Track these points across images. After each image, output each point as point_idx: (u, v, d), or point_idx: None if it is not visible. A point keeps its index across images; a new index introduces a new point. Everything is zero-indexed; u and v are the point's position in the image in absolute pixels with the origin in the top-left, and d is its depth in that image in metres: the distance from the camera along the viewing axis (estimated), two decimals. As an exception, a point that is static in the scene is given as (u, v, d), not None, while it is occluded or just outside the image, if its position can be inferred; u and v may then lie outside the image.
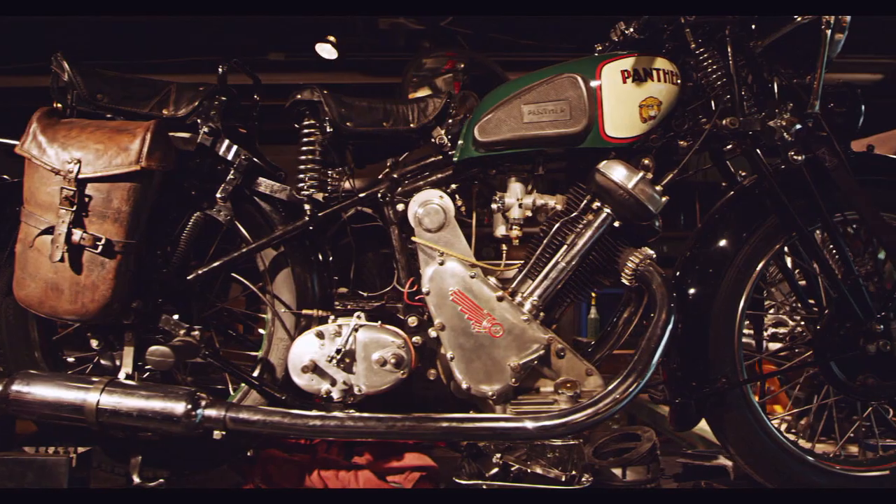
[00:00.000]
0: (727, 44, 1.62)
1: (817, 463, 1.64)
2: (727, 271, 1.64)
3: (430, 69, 3.76)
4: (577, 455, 1.72)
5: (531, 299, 1.59)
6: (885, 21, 3.77)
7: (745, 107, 1.61)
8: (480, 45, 4.10)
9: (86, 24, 3.62)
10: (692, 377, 1.63)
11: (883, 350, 1.58)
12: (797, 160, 1.59)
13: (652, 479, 1.80)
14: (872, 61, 4.01)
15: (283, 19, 3.87)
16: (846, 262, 1.61)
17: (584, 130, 1.55)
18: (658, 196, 1.56)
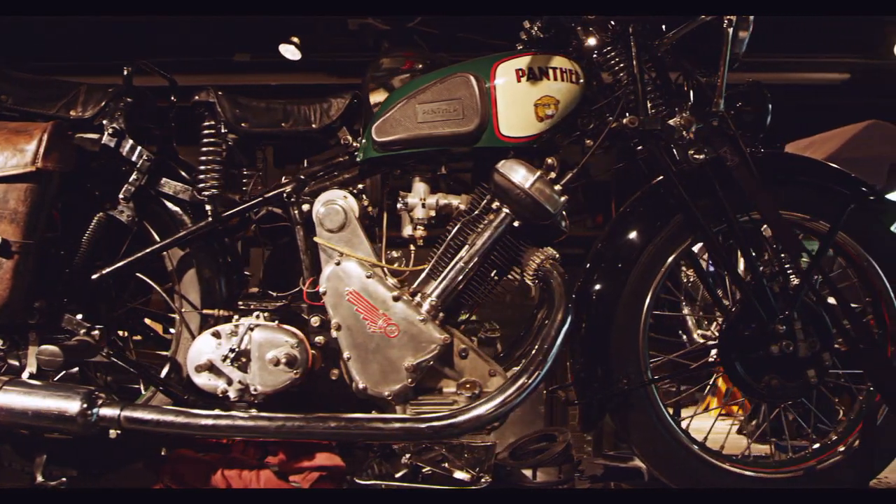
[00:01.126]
0: (631, 42, 1.61)
1: (722, 464, 1.63)
2: (631, 270, 1.64)
3: (388, 70, 3.76)
4: (488, 456, 1.73)
5: (430, 299, 1.59)
6: (850, 20, 3.75)
7: (649, 106, 1.60)
8: (447, 46, 4.11)
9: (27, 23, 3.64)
10: (595, 378, 1.62)
11: (786, 351, 1.57)
12: (698, 159, 1.58)
13: (565, 481, 1.79)
14: (838, 61, 3.98)
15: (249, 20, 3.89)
16: (750, 263, 1.60)
17: (477, 129, 1.55)
18: (557, 196, 1.56)
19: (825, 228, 1.64)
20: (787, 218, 1.65)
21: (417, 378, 1.57)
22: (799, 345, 1.57)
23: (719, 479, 1.62)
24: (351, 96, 1.71)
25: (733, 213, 1.59)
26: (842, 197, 1.64)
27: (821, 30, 3.83)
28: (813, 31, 3.84)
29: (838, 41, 3.89)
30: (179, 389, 1.64)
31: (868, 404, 1.66)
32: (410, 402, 1.60)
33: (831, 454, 1.66)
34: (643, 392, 1.62)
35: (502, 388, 1.46)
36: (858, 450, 1.65)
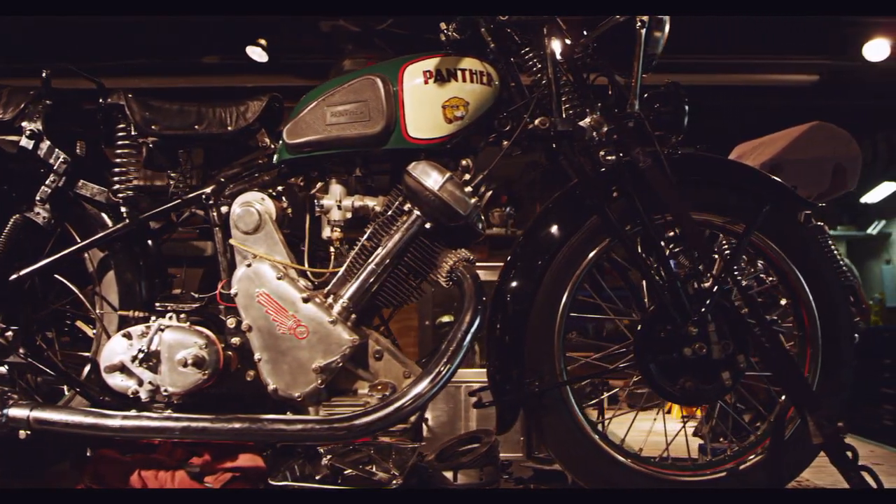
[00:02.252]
0: (546, 43, 1.61)
1: (637, 466, 1.62)
2: (546, 272, 1.63)
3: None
4: (405, 457, 1.73)
5: (341, 301, 1.59)
6: (819, 21, 3.74)
7: (566, 107, 1.60)
8: (416, 48, 4.12)
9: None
10: (509, 379, 1.62)
11: (699, 353, 1.56)
12: (609, 160, 1.58)
13: (488, 483, 1.79)
14: (808, 62, 3.96)
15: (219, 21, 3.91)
16: (665, 264, 1.59)
17: (383, 131, 1.55)
18: (467, 197, 1.56)
19: (742, 230, 1.64)
20: (704, 219, 1.66)
21: (328, 379, 1.57)
22: (712, 347, 1.56)
23: (634, 480, 1.61)
24: (268, 98, 1.71)
25: (647, 214, 1.59)
26: (758, 198, 1.63)
27: (790, 31, 3.82)
28: (782, 33, 3.83)
29: (808, 43, 3.88)
30: (96, 391, 1.65)
31: (784, 406, 1.65)
32: (323, 404, 1.61)
33: (750, 456, 1.66)
34: (557, 393, 1.62)
35: (402, 394, 1.46)
36: (777, 451, 1.64)
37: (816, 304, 1.66)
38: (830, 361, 1.65)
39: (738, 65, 4.02)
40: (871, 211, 5.52)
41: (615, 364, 1.68)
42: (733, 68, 4.03)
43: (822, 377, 1.65)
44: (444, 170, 1.56)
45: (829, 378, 1.65)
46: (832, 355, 1.65)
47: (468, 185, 1.58)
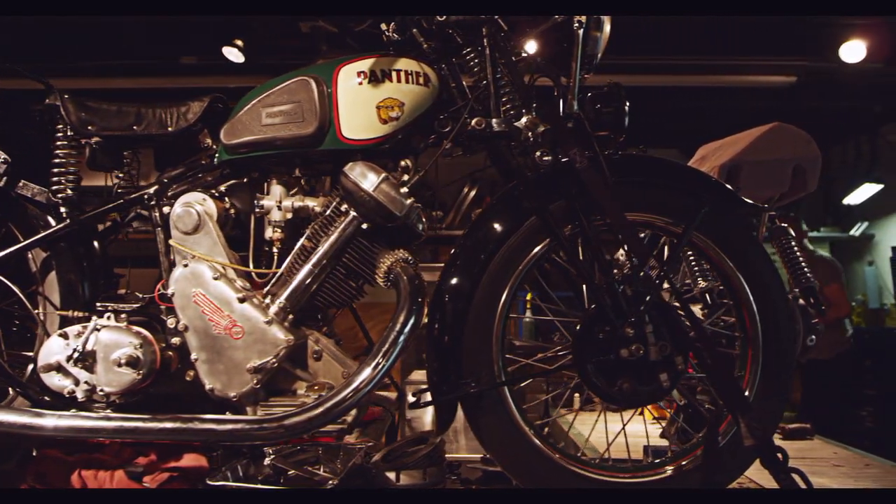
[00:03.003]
0: (484, 44, 1.61)
1: (574, 466, 1.62)
2: (485, 272, 1.63)
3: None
4: (346, 458, 1.73)
5: (278, 301, 1.59)
6: (795, 22, 3.74)
7: (503, 108, 1.60)
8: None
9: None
10: (447, 378, 1.62)
11: (635, 355, 1.56)
12: (545, 161, 1.58)
13: (432, 483, 1.79)
14: (785, 63, 3.96)
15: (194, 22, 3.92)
16: (602, 265, 1.59)
17: (317, 132, 1.55)
18: (403, 198, 1.56)
19: (681, 231, 1.63)
20: (645, 220, 1.66)
21: (263, 379, 1.57)
22: (649, 348, 1.56)
23: (571, 481, 1.61)
24: (210, 99, 1.71)
25: (586, 216, 1.59)
26: (698, 199, 1.63)
27: (767, 33, 3.82)
28: (759, 34, 3.83)
29: (785, 44, 3.87)
30: (36, 391, 1.65)
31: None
32: (261, 404, 1.61)
33: (692, 458, 1.65)
34: (495, 393, 1.61)
35: (332, 395, 1.46)
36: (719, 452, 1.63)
37: (757, 306, 1.65)
38: (771, 364, 1.65)
39: (717, 66, 4.01)
40: (854, 212, 5.51)
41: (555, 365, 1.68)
42: (711, 69, 4.02)
43: (763, 379, 1.65)
44: (380, 170, 1.56)
45: (770, 380, 1.65)
46: (773, 357, 1.65)
47: (405, 186, 1.57)
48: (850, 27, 3.75)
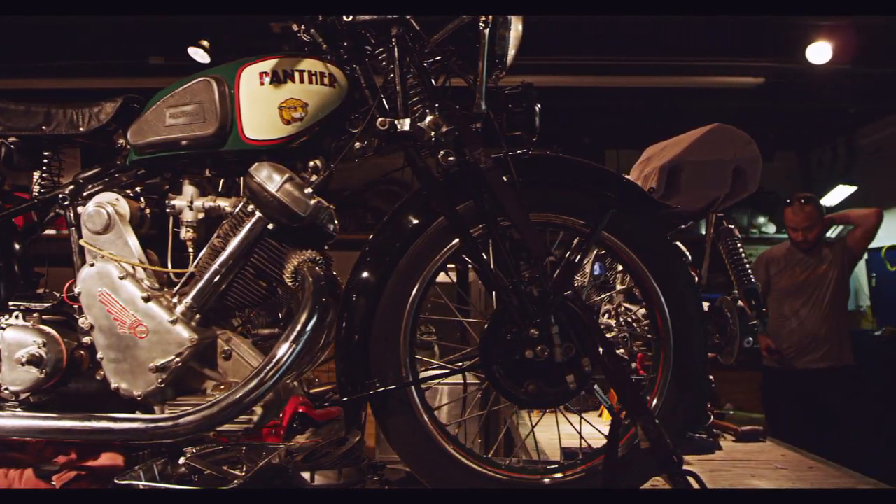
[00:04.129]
0: (392, 44, 1.61)
1: (481, 467, 1.62)
2: (393, 272, 1.63)
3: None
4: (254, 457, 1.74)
5: (185, 300, 1.60)
6: (762, 23, 3.73)
7: (414, 108, 1.60)
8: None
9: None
10: (353, 379, 1.62)
11: (541, 356, 1.56)
12: (449, 161, 1.58)
13: (350, 483, 1.79)
14: (753, 64, 3.95)
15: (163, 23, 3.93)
16: (509, 266, 1.59)
17: (219, 132, 1.56)
18: (306, 198, 1.56)
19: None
20: (555, 220, 1.66)
21: (168, 379, 1.57)
22: (555, 349, 1.55)
23: (477, 481, 1.61)
24: (124, 99, 1.72)
25: (492, 216, 1.58)
26: (607, 199, 1.63)
27: (734, 34, 3.81)
28: (726, 35, 3.82)
29: (751, 46, 3.86)
30: (-51, 389, 1.66)
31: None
32: (168, 403, 1.61)
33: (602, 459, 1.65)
34: (402, 393, 1.62)
35: (229, 395, 1.47)
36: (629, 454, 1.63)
37: (668, 307, 1.65)
38: (682, 365, 1.64)
39: (684, 67, 4.00)
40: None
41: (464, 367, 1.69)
42: (679, 70, 4.01)
43: (675, 380, 1.65)
44: (285, 171, 1.56)
45: (682, 382, 1.64)
46: (684, 359, 1.65)
47: (310, 187, 1.58)
48: (814, 28, 3.73)
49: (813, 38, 3.78)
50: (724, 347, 2.37)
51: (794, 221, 3.97)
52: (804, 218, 3.94)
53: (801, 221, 3.94)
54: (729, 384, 6.15)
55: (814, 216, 3.97)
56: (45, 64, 3.96)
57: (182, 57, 3.94)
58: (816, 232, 4.00)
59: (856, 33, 3.70)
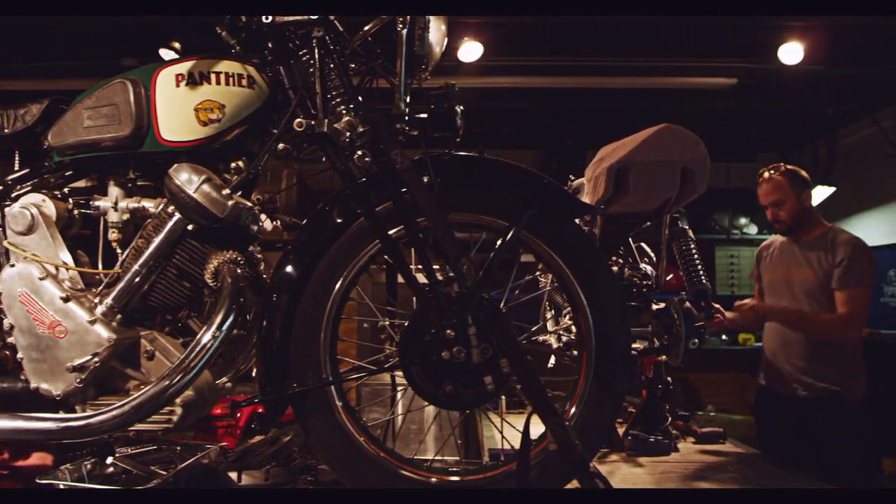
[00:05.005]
0: (313, 45, 1.62)
1: (401, 467, 1.62)
2: (313, 272, 1.64)
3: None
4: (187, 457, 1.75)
5: (107, 301, 1.61)
6: (736, 23, 3.72)
7: (328, 109, 1.60)
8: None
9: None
10: (273, 378, 1.62)
11: (457, 357, 1.56)
12: (366, 161, 1.58)
13: (276, 483, 1.80)
14: (725, 65, 3.93)
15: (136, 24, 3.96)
16: (426, 266, 1.59)
17: (135, 134, 1.57)
18: (224, 199, 1.57)
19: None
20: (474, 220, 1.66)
21: (88, 378, 1.58)
22: (471, 350, 1.55)
23: (397, 481, 1.61)
24: (49, 101, 1.72)
25: (410, 216, 1.58)
26: (527, 199, 1.62)
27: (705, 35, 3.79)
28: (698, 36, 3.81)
29: (723, 46, 3.85)
30: None
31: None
32: (90, 403, 1.62)
33: (524, 460, 1.65)
34: (322, 393, 1.62)
35: (141, 394, 1.47)
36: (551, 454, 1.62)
37: (590, 308, 1.65)
38: (604, 367, 1.64)
39: (656, 67, 3.99)
40: (813, 215, 5.45)
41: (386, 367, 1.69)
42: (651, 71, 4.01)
43: (595, 382, 1.64)
44: (203, 171, 1.57)
45: (603, 383, 1.64)
46: (605, 361, 1.64)
47: (228, 187, 1.58)
48: (786, 29, 3.72)
49: (784, 38, 3.77)
50: (671, 349, 2.37)
51: (761, 198, 3.18)
52: (770, 190, 3.12)
53: (766, 195, 3.14)
54: (714, 385, 6.16)
55: (782, 188, 3.11)
56: (19, 65, 3.99)
57: (156, 58, 3.96)
58: (790, 209, 3.10)
59: (826, 34, 3.69)
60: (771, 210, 3.16)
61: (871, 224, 4.97)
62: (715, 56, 3.91)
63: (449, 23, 3.62)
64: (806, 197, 3.13)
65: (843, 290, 2.92)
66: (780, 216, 3.12)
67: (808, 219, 3.12)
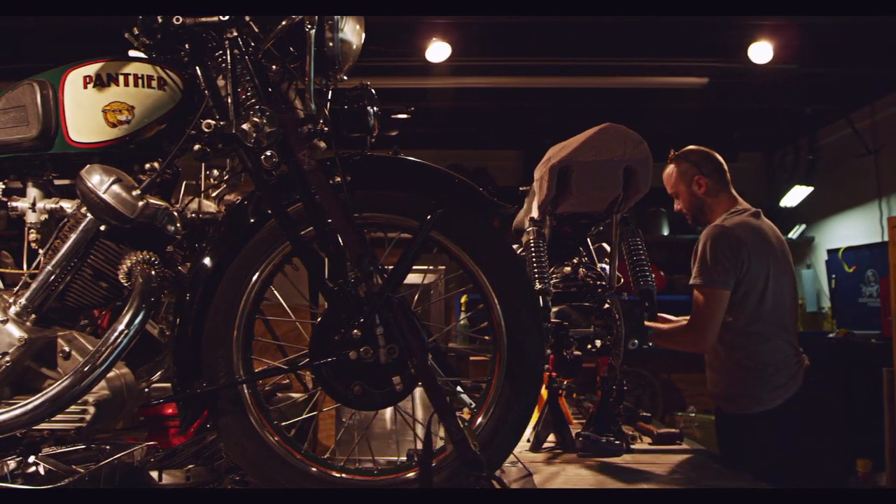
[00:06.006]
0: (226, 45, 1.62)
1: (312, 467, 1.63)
2: (226, 272, 1.64)
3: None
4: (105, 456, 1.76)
5: (21, 300, 1.62)
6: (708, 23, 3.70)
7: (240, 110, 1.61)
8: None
9: None
10: (184, 378, 1.63)
11: (365, 357, 1.56)
12: (273, 163, 1.58)
13: (196, 483, 1.81)
14: (697, 64, 3.91)
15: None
16: (335, 266, 1.59)
17: (43, 136, 1.58)
18: (134, 200, 1.58)
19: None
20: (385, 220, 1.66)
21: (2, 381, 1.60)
22: (379, 351, 1.56)
23: (307, 481, 1.61)
24: None
25: (319, 217, 1.59)
26: (438, 199, 1.62)
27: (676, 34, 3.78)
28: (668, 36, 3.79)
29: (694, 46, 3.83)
30: None
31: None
32: (4, 402, 1.64)
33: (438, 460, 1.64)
34: (234, 393, 1.63)
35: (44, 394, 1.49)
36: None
37: (502, 308, 1.65)
38: (516, 368, 1.64)
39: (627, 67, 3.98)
40: (795, 216, 5.42)
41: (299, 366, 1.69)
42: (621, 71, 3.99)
43: (507, 383, 1.64)
44: (114, 172, 1.58)
45: (515, 384, 1.64)
46: (517, 362, 1.64)
47: (138, 188, 1.59)
48: (756, 28, 3.69)
49: (755, 37, 3.74)
50: (612, 349, 2.36)
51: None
52: (665, 182, 2.88)
53: (667, 187, 2.90)
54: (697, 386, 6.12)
55: (671, 178, 2.84)
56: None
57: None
58: (684, 201, 2.83)
59: (797, 33, 3.66)
60: (675, 203, 2.93)
61: (850, 224, 4.93)
62: (686, 55, 3.89)
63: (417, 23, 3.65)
64: (699, 185, 2.79)
65: (693, 291, 2.66)
66: (681, 210, 2.90)
67: (709, 209, 2.80)
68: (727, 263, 2.59)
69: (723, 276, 2.59)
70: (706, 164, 2.82)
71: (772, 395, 2.59)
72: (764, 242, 2.66)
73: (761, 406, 2.60)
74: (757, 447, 2.59)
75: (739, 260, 2.60)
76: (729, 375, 2.71)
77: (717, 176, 2.82)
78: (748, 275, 2.61)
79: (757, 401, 2.61)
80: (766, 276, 2.62)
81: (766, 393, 2.60)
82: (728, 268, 2.59)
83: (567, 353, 2.43)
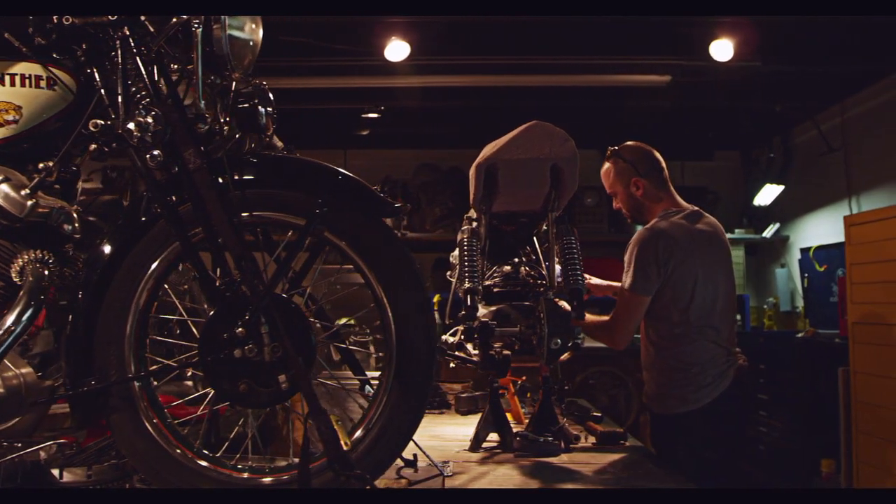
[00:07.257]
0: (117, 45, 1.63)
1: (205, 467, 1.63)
2: (116, 273, 1.65)
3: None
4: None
5: (-74, 302, 1.64)
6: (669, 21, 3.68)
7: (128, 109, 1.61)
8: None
9: None
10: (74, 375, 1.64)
11: (249, 355, 1.56)
12: (158, 161, 1.59)
13: (104, 481, 1.81)
14: (658, 62, 3.89)
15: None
16: (222, 265, 1.60)
17: (-70, 136, 1.60)
18: (23, 199, 1.59)
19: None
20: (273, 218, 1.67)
21: None
22: (263, 349, 1.56)
23: (200, 481, 1.62)
24: None
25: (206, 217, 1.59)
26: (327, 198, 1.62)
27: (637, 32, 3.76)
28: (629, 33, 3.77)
29: (655, 44, 3.81)
30: None
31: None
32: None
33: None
34: (126, 390, 1.64)
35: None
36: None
37: (391, 307, 1.65)
38: (404, 369, 1.64)
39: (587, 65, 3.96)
40: (769, 214, 5.38)
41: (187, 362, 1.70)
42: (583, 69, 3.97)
43: (396, 383, 1.64)
44: (2, 171, 1.60)
45: (404, 385, 1.64)
46: (406, 363, 1.64)
47: (27, 188, 1.60)
48: (716, 25, 3.67)
49: (715, 35, 3.72)
50: (538, 348, 2.35)
51: None
52: (604, 180, 2.84)
53: (605, 185, 2.86)
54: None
55: (609, 176, 2.80)
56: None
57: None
58: (622, 200, 2.79)
59: (756, 31, 3.63)
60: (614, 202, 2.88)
61: (822, 223, 4.89)
62: (647, 53, 3.87)
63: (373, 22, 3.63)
64: (637, 186, 2.74)
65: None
66: (620, 207, 2.84)
67: (647, 210, 2.76)
68: (649, 270, 2.58)
69: (643, 283, 2.58)
70: (643, 163, 2.78)
71: (697, 394, 2.58)
72: (695, 245, 2.64)
73: (687, 406, 2.58)
74: (685, 446, 2.57)
75: (665, 265, 2.58)
76: (659, 376, 2.70)
77: (654, 175, 2.78)
78: (675, 278, 2.60)
79: (683, 401, 2.60)
80: (694, 279, 2.60)
81: (691, 393, 2.59)
82: (650, 274, 2.58)
83: (496, 352, 2.41)
